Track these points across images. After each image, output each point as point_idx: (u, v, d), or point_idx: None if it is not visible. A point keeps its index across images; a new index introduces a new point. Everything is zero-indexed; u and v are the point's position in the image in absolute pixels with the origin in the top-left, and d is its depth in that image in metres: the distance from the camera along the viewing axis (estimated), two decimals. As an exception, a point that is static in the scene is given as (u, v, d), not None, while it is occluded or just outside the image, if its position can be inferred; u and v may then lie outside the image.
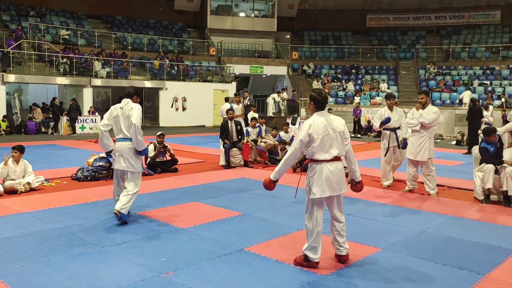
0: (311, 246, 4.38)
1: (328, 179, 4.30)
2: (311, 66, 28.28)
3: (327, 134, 4.31)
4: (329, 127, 4.34)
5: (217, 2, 29.96)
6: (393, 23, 31.62)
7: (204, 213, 6.36)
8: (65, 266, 4.34)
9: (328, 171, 4.31)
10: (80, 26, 25.52)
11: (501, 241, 5.28)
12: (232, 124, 10.54)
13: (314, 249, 4.37)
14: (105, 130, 5.94)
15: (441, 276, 4.28)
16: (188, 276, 4.16)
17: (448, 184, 8.53)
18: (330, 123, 4.37)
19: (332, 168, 4.33)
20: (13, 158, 7.56)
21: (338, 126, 4.40)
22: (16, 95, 19.45)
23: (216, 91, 24.35)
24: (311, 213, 4.40)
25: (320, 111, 4.41)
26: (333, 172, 4.32)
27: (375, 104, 23.24)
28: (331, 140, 4.32)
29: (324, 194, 4.31)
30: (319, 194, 4.31)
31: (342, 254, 4.53)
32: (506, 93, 22.32)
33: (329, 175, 4.30)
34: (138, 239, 5.15)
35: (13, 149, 7.57)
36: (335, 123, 4.40)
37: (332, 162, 4.34)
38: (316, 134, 4.28)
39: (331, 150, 4.33)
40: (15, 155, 7.55)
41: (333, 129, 4.35)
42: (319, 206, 4.41)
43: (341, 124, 4.44)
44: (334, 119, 4.46)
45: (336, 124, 4.39)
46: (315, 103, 4.41)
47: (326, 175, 4.30)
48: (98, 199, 7.05)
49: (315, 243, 4.37)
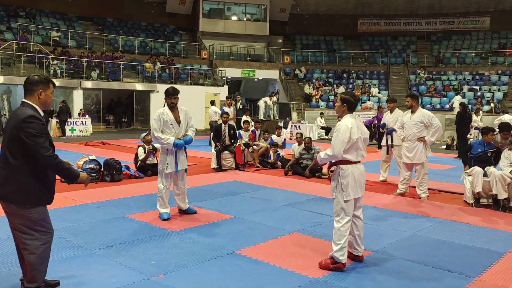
0: (342, 247, 4.39)
1: (358, 180, 4.46)
2: (303, 70, 28.36)
3: (359, 136, 4.45)
4: (360, 130, 4.48)
5: (209, 5, 29.96)
6: (384, 28, 31.86)
7: (195, 216, 6.32)
8: (53, 269, 4.26)
9: (358, 172, 4.47)
10: (71, 28, 25.36)
11: (490, 244, 5.31)
12: (226, 127, 10.52)
13: (343, 251, 4.41)
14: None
15: (432, 279, 4.28)
16: (178, 279, 4.12)
17: (438, 188, 8.58)
18: (360, 126, 4.53)
19: (361, 169, 4.53)
20: None
21: (365, 131, 4.57)
22: (5, 97, 19.24)
23: (208, 95, 24.29)
24: (344, 215, 4.43)
25: (351, 113, 4.53)
26: (362, 173, 4.53)
27: (366, 108, 23.34)
28: (361, 143, 4.49)
29: (356, 195, 4.46)
30: (352, 196, 4.41)
31: (359, 255, 4.64)
32: (495, 99, 22.58)
33: (359, 177, 4.48)
34: (127, 242, 5.10)
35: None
36: (363, 127, 4.57)
37: (359, 164, 4.53)
38: (354, 135, 4.38)
39: (362, 152, 4.50)
40: None
41: (363, 132, 4.52)
42: (350, 207, 4.46)
43: (366, 130, 4.61)
44: (359, 123, 4.59)
45: (364, 129, 4.57)
46: (348, 105, 4.49)
47: (357, 176, 4.45)
48: (87, 202, 6.98)
49: (345, 245, 4.42)
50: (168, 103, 6.12)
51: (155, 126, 6.06)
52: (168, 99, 6.11)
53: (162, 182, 6.11)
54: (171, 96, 6.09)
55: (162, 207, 6.15)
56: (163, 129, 6.08)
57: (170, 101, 6.09)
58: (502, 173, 6.87)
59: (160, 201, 6.16)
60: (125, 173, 9.10)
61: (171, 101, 6.09)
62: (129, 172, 9.19)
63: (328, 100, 25.09)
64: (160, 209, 6.16)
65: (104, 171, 8.82)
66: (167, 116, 6.08)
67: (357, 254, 4.66)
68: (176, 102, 6.11)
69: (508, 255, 4.96)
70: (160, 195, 6.11)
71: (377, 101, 24.02)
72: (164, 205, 6.15)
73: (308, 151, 10.08)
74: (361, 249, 4.64)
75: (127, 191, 7.89)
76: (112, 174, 8.77)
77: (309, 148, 10.11)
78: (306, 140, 10.19)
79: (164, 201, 6.13)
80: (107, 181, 8.70)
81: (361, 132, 4.46)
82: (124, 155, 12.01)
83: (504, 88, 24.04)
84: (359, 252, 4.65)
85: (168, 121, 6.06)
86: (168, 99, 6.12)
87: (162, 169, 6.10)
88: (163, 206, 6.15)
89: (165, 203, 6.15)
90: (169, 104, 6.10)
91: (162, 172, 6.10)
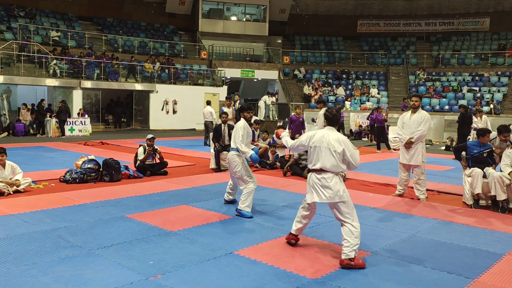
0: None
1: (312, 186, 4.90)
2: (302, 71, 28.37)
3: (320, 145, 4.78)
4: (326, 141, 4.71)
5: (209, 5, 29.96)
6: (383, 29, 31.87)
7: (193, 216, 6.31)
8: (51, 269, 4.27)
9: (312, 179, 4.90)
10: (70, 28, 25.35)
11: (489, 245, 5.31)
12: (225, 127, 10.51)
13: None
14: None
15: (430, 280, 4.28)
16: (176, 280, 4.11)
17: (437, 189, 8.58)
18: (329, 139, 4.72)
19: (313, 178, 4.87)
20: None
21: (333, 144, 4.68)
22: (5, 96, 19.23)
23: (207, 95, 24.29)
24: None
25: (330, 127, 4.85)
26: (314, 180, 4.87)
27: (365, 109, 23.36)
28: (323, 152, 4.71)
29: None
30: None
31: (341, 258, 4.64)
32: (494, 100, 22.59)
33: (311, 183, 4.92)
34: (126, 242, 5.09)
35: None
36: (332, 141, 4.70)
37: (319, 172, 4.82)
38: (314, 143, 4.79)
39: (322, 161, 4.76)
40: (2, 158, 7.43)
41: (329, 144, 4.70)
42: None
43: (338, 144, 4.68)
44: (335, 137, 4.74)
45: (332, 142, 4.70)
46: (327, 120, 4.90)
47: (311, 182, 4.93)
48: (86, 202, 6.97)
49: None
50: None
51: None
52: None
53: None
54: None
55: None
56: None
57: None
58: (500, 175, 6.86)
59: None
60: (124, 173, 9.09)
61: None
62: (128, 172, 9.19)
63: (327, 100, 25.05)
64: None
65: (103, 171, 8.82)
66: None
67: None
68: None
69: (507, 256, 4.96)
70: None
71: (377, 102, 24.03)
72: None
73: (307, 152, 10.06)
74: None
75: (126, 191, 7.88)
76: (111, 174, 8.77)
77: (308, 148, 10.08)
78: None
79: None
80: (106, 181, 8.70)
81: (326, 143, 4.66)
82: (123, 155, 12.01)
83: (503, 89, 24.05)
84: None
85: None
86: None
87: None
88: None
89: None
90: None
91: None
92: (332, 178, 4.65)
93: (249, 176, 6.55)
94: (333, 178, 4.65)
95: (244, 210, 6.41)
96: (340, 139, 4.70)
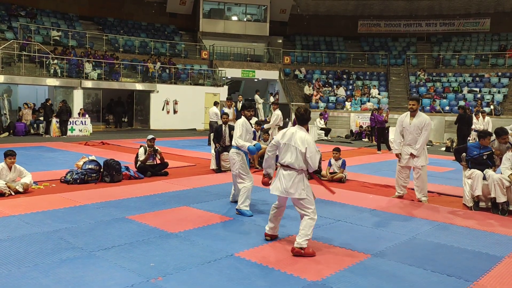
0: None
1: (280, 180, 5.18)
2: (302, 71, 28.36)
3: (285, 143, 5.08)
4: (293, 140, 4.98)
5: (210, 5, 29.95)
6: (384, 30, 31.86)
7: (194, 217, 6.33)
8: (52, 270, 4.28)
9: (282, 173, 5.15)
10: (71, 27, 25.35)
11: (490, 248, 5.32)
12: (226, 128, 10.52)
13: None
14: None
15: (430, 283, 4.29)
16: (177, 282, 4.12)
17: (437, 191, 8.58)
18: (296, 137, 4.98)
19: (283, 173, 5.12)
20: (9, 164, 7.47)
21: (299, 143, 4.93)
22: (5, 96, 19.24)
23: (207, 95, 24.31)
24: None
25: (300, 126, 5.06)
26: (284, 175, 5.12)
27: (366, 109, 23.36)
28: (289, 149, 5.00)
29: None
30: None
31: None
32: (495, 101, 22.59)
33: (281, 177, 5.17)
34: (127, 244, 5.10)
35: (7, 156, 7.47)
36: (298, 140, 4.94)
37: (286, 168, 5.10)
38: (282, 140, 5.11)
39: (287, 158, 5.06)
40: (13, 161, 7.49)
41: (296, 143, 4.95)
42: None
43: (301, 143, 4.91)
44: (301, 135, 4.97)
45: (298, 142, 4.95)
46: (297, 119, 5.11)
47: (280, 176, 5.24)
48: (87, 203, 6.98)
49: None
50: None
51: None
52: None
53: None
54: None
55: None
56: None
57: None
58: (500, 177, 6.87)
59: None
60: (125, 173, 9.10)
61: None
62: (129, 172, 9.20)
63: (327, 101, 25.10)
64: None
65: (104, 171, 8.83)
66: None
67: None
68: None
69: (507, 259, 4.97)
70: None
71: (377, 102, 24.04)
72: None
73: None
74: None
75: (126, 192, 7.89)
76: (111, 174, 8.78)
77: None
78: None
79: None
80: (107, 182, 8.71)
81: (294, 142, 4.93)
82: (124, 155, 12.01)
83: (504, 90, 24.04)
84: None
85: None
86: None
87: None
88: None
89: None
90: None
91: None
92: (296, 175, 4.93)
93: (246, 173, 6.72)
94: (297, 176, 4.93)
95: (243, 209, 6.56)
96: (305, 139, 4.94)
